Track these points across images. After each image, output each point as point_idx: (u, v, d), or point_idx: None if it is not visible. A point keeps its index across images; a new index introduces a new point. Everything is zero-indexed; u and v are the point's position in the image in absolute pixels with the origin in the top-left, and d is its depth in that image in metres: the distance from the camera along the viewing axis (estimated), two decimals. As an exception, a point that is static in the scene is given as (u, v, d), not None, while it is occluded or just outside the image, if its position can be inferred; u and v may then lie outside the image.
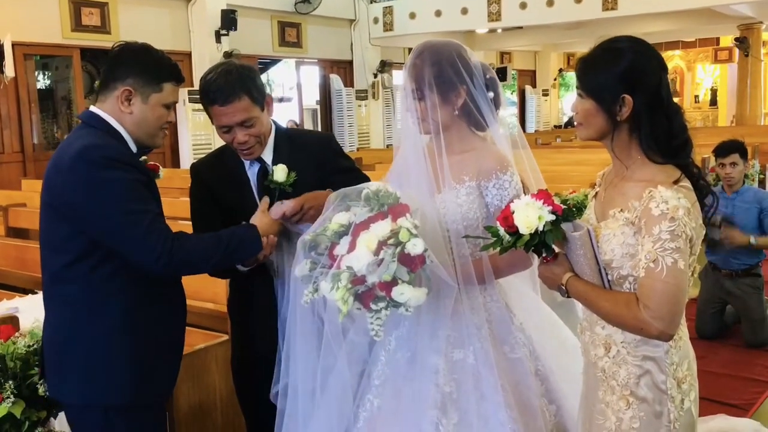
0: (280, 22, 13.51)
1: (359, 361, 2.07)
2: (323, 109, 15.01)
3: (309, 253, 1.91)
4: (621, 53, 1.68)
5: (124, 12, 10.76)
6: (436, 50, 2.01)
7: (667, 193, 1.60)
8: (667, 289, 1.58)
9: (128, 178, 1.94)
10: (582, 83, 1.72)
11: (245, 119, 2.26)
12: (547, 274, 1.78)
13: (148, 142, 2.09)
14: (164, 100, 2.06)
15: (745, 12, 13.29)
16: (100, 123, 2.02)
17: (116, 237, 1.93)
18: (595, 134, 1.74)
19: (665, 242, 1.57)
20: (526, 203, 1.67)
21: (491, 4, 13.93)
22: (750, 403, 3.69)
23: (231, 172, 2.41)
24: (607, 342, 1.75)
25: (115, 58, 2.06)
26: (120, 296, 1.99)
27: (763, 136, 11.17)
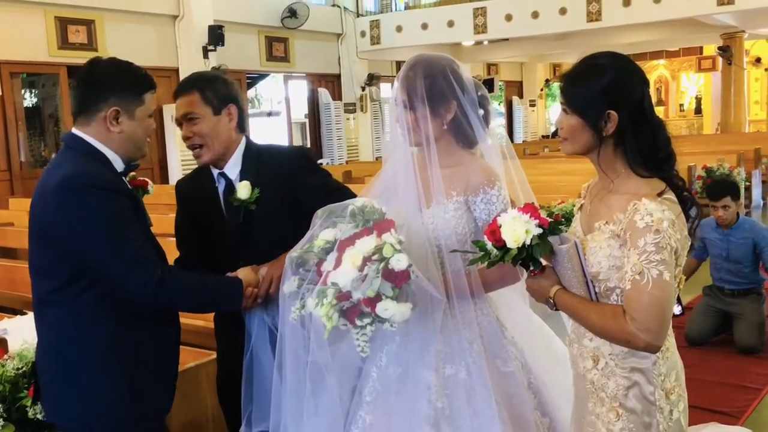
0: (267, 37, 13.55)
1: (351, 377, 2.07)
2: (312, 122, 15.03)
3: (297, 270, 1.91)
4: (603, 69, 1.70)
5: (110, 29, 10.76)
6: (430, 63, 2.02)
7: (651, 206, 1.60)
8: (653, 301, 1.58)
9: (113, 205, 1.93)
10: (567, 100, 1.73)
11: (188, 112, 2.30)
12: (534, 287, 1.78)
13: (137, 154, 2.09)
14: (148, 111, 2.07)
15: (728, 21, 13.45)
16: (83, 146, 2.00)
17: (102, 265, 1.92)
18: (580, 149, 1.75)
19: (650, 254, 1.58)
20: (513, 217, 1.67)
21: (477, 16, 14.04)
22: (742, 411, 3.69)
23: (205, 187, 2.43)
24: (595, 354, 1.76)
25: (90, 80, 2.03)
26: (108, 320, 1.97)
27: (748, 143, 11.27)
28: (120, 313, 1.98)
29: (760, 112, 19.57)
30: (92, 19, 10.57)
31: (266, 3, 13.42)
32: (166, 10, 11.52)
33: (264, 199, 2.30)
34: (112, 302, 1.97)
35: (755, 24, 14.06)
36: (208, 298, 2.13)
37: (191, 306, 2.17)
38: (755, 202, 9.31)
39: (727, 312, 4.66)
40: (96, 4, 10.48)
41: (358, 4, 15.32)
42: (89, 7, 10.44)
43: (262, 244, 2.26)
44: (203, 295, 2.10)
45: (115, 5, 10.70)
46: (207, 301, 2.16)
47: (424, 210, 2.00)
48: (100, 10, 10.60)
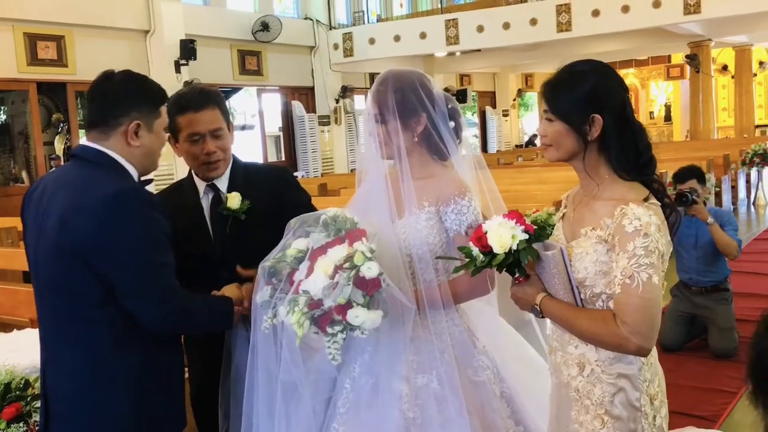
0: (240, 51, 13.53)
1: (326, 389, 2.07)
2: (286, 135, 15.01)
3: (269, 279, 1.92)
4: (585, 75, 1.73)
5: (80, 45, 10.67)
6: (399, 77, 2.06)
7: (639, 210, 1.62)
8: (644, 304, 1.60)
9: (160, 226, 1.91)
10: (551, 106, 1.75)
11: (217, 128, 2.33)
12: (519, 294, 1.78)
13: (151, 168, 2.07)
14: (164, 123, 2.06)
15: (695, 30, 13.71)
16: (108, 161, 1.95)
17: (131, 290, 1.86)
18: (565, 155, 1.76)
19: (640, 258, 1.60)
20: (499, 223, 1.68)
21: (449, 28, 14.15)
22: (718, 414, 3.73)
23: (187, 200, 2.43)
24: (580, 361, 1.76)
25: (109, 93, 1.97)
26: (140, 341, 1.92)
27: (717, 149, 11.46)
28: (151, 338, 1.93)
29: (728, 118, 19.92)
30: (62, 35, 10.48)
31: (238, 16, 13.42)
32: (137, 25, 11.46)
33: (251, 211, 2.33)
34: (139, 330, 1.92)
35: (721, 32, 14.34)
36: (210, 321, 2.12)
37: (194, 331, 2.17)
38: (725, 207, 9.44)
39: (697, 316, 4.71)
40: (65, 20, 10.39)
41: (330, 17, 15.36)
42: (59, 23, 10.35)
43: (245, 257, 2.25)
44: (207, 319, 2.09)
45: (85, 21, 10.62)
46: (208, 325, 2.16)
47: (396, 220, 2.02)
48: (70, 25, 10.51)
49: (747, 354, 1.23)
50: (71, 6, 10.37)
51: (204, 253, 2.38)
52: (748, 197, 10.86)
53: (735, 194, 10.33)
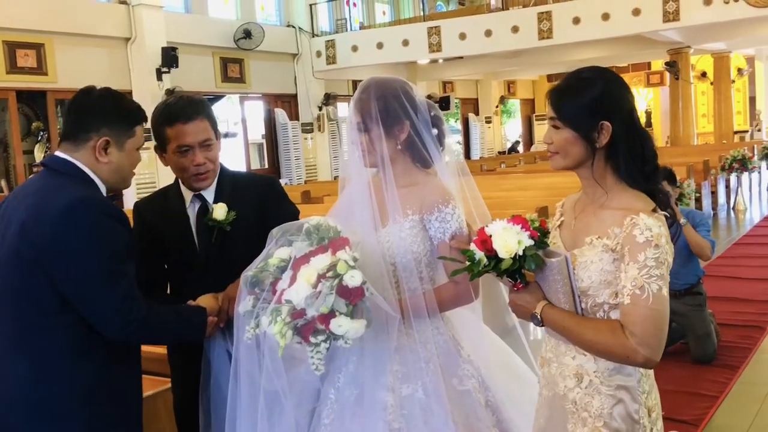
0: (222, 58, 13.50)
1: (310, 399, 2.05)
2: (269, 143, 14.97)
3: (252, 289, 1.90)
4: (593, 81, 1.69)
5: (60, 53, 10.59)
6: (382, 85, 2.05)
7: (650, 221, 1.60)
8: (654, 315, 1.57)
9: (118, 236, 1.90)
10: (559, 113, 1.70)
11: (207, 139, 2.31)
12: (519, 302, 1.73)
13: (121, 186, 2.07)
14: (138, 143, 2.04)
15: (674, 37, 13.88)
16: (74, 171, 1.95)
17: (89, 298, 1.85)
18: (572, 163, 1.72)
19: (651, 269, 1.57)
20: (504, 228, 1.65)
21: (431, 35, 14.21)
22: (699, 419, 3.76)
23: (172, 209, 2.41)
24: (578, 372, 1.71)
25: (83, 107, 1.99)
26: (97, 354, 1.90)
27: (697, 155, 11.60)
28: (108, 349, 1.91)
29: (707, 125, 20.15)
30: (42, 43, 10.39)
31: (220, 24, 13.39)
32: (117, 33, 11.40)
33: (237, 222, 2.31)
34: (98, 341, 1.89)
35: (700, 39, 14.52)
36: (180, 331, 2.11)
37: (163, 341, 2.17)
38: (705, 212, 9.55)
39: (673, 322, 4.74)
40: (45, 28, 10.31)
41: (312, 25, 15.37)
42: (38, 31, 10.27)
43: (230, 267, 2.23)
44: (176, 329, 2.08)
45: (66, 28, 10.55)
46: (178, 335, 2.15)
47: (380, 229, 2.01)
48: (50, 33, 10.43)
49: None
50: (51, 14, 10.30)
51: (189, 263, 2.36)
52: (728, 202, 10.98)
53: (715, 200, 10.44)
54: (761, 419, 3.75)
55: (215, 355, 2.26)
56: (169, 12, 12.24)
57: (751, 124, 20.98)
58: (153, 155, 2.30)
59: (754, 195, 12.25)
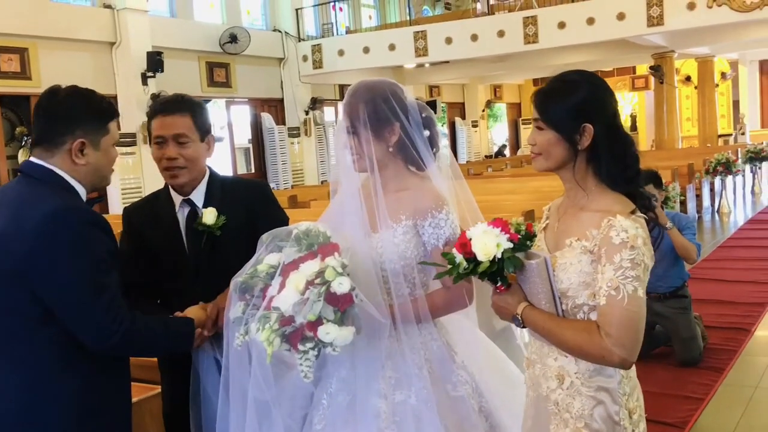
0: (208, 63, 13.46)
1: (302, 405, 2.03)
2: (255, 147, 14.94)
3: (242, 295, 1.88)
4: (578, 84, 1.73)
5: (44, 57, 10.52)
6: (371, 88, 2.02)
7: (626, 223, 1.62)
8: (629, 316, 1.59)
9: (101, 245, 1.86)
10: (543, 115, 1.74)
11: (181, 134, 2.29)
12: (501, 304, 1.76)
13: (102, 184, 2.03)
14: (113, 140, 2.00)
15: (658, 42, 13.99)
16: (53, 178, 1.90)
17: (71, 309, 1.81)
18: (554, 164, 1.75)
19: (626, 270, 1.59)
20: (484, 231, 1.66)
21: (418, 39, 14.24)
22: (685, 421, 3.77)
23: (161, 214, 2.40)
24: (560, 373, 1.74)
25: (53, 110, 1.93)
26: (81, 365, 1.86)
27: (682, 159, 11.67)
28: (94, 359, 1.87)
29: (691, 128, 20.31)
30: (25, 48, 10.32)
31: (206, 28, 13.36)
32: (102, 37, 11.34)
33: (227, 227, 2.30)
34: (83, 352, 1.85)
35: (684, 44, 14.65)
36: (166, 343, 2.07)
37: (150, 353, 2.12)
38: (690, 215, 9.61)
39: (657, 324, 4.75)
40: (29, 32, 10.24)
41: (299, 29, 15.36)
42: (22, 35, 10.20)
43: (219, 273, 2.20)
44: (163, 341, 2.04)
45: (49, 33, 10.48)
46: (165, 347, 2.12)
47: (371, 234, 1.98)
48: (34, 37, 10.36)
49: None
50: (35, 18, 10.23)
51: (178, 269, 2.34)
52: (713, 205, 11.06)
53: (699, 203, 10.51)
54: (746, 421, 3.77)
55: (204, 365, 2.24)
56: (154, 16, 12.19)
57: (735, 128, 21.16)
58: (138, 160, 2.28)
59: (738, 198, 12.37)
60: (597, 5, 12.75)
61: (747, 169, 12.62)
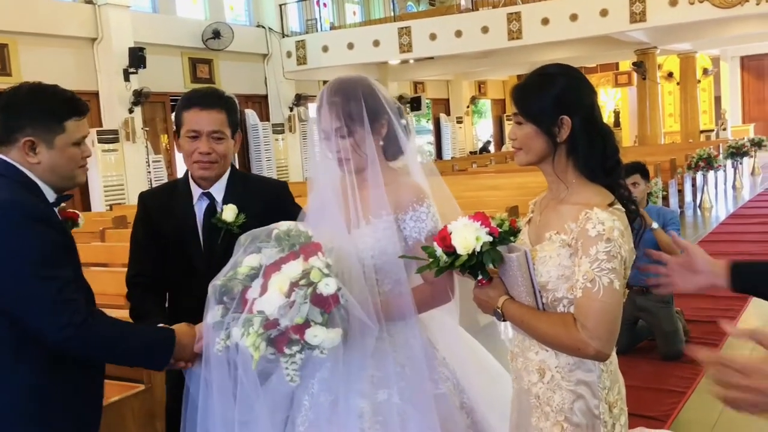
0: (191, 59, 13.36)
1: (282, 407, 2.00)
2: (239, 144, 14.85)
3: (220, 299, 1.84)
4: (555, 78, 1.74)
5: (25, 53, 10.41)
6: (353, 85, 1.99)
7: (603, 215, 1.63)
8: (604, 309, 1.60)
9: (45, 239, 1.80)
10: (521, 109, 1.74)
11: (217, 129, 2.30)
12: (482, 297, 1.77)
13: (67, 184, 1.95)
14: (71, 139, 1.90)
15: (641, 38, 14.07)
16: (15, 173, 1.87)
17: (20, 303, 1.78)
18: (534, 158, 1.75)
19: (602, 262, 1.60)
20: (464, 224, 1.67)
21: (402, 36, 14.24)
22: (667, 414, 3.80)
23: (178, 204, 2.37)
24: (541, 367, 1.75)
25: (8, 107, 1.89)
26: (31, 362, 1.81)
27: (664, 154, 11.76)
28: (43, 357, 1.83)
29: (674, 124, 20.46)
30: (5, 43, 10.21)
31: (188, 24, 13.26)
32: (83, 33, 11.23)
33: (246, 225, 2.23)
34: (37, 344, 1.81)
35: (666, 40, 14.75)
36: (130, 350, 1.93)
37: (110, 357, 1.95)
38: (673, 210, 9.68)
39: (640, 319, 4.78)
40: (9, 28, 10.12)
41: (282, 25, 15.30)
42: (2, 31, 10.08)
43: None
44: (125, 346, 1.91)
45: (30, 29, 10.36)
46: (128, 354, 1.95)
47: (353, 230, 1.97)
48: (14, 33, 10.24)
49: None
50: (15, 13, 10.11)
51: (191, 264, 2.31)
52: (694, 200, 11.15)
53: (681, 198, 10.59)
54: (727, 414, 3.81)
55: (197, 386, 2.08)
56: (136, 12, 12.08)
57: (717, 123, 21.37)
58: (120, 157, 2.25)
59: (720, 193, 12.47)
60: (580, 2, 12.81)
61: (728, 165, 12.72)
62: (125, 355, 1.95)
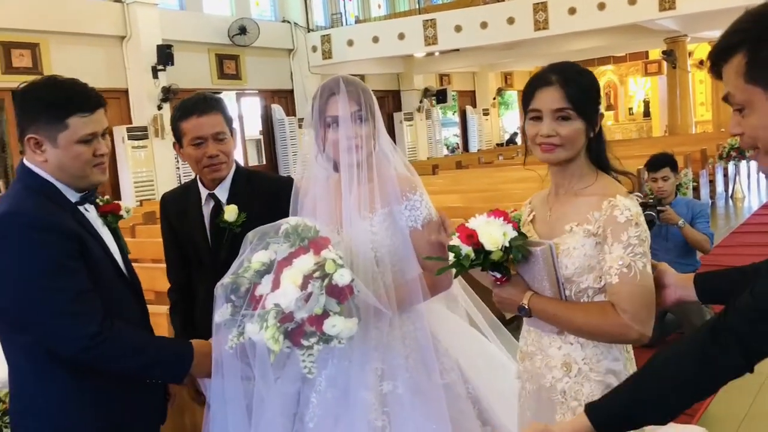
0: (217, 55, 13.47)
1: (291, 404, 2.03)
2: (266, 139, 14.96)
3: (229, 297, 1.86)
4: (588, 73, 1.78)
5: (56, 52, 10.57)
6: (357, 80, 2.08)
7: (627, 202, 1.66)
8: (642, 292, 1.63)
9: (49, 250, 1.74)
10: (576, 105, 1.71)
11: (220, 131, 2.37)
12: (504, 295, 1.75)
13: (81, 184, 1.87)
14: (75, 136, 1.81)
15: (670, 26, 13.85)
16: (30, 177, 1.84)
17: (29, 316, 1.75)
18: (575, 153, 1.75)
19: (635, 247, 1.63)
20: (487, 222, 1.67)
21: (427, 28, 14.18)
22: (695, 408, 3.75)
23: (190, 206, 2.46)
24: (566, 362, 1.74)
25: (20, 105, 1.84)
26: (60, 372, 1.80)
27: (694, 144, 11.58)
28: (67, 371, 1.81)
29: (705, 113, 20.14)
30: (36, 43, 10.38)
31: (215, 20, 13.36)
32: (112, 31, 11.37)
33: (250, 223, 2.25)
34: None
35: (697, 28, 14.48)
36: (148, 362, 1.86)
37: (127, 369, 1.86)
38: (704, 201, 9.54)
39: (668, 312, 4.72)
40: (40, 27, 10.29)
41: (308, 20, 15.34)
42: (33, 31, 10.25)
43: None
44: (143, 358, 1.85)
45: (60, 28, 10.53)
46: (146, 366, 1.87)
47: (348, 227, 2.00)
48: (45, 33, 10.42)
49: None
50: (46, 13, 10.28)
51: (202, 265, 2.40)
52: (726, 191, 10.97)
53: (713, 188, 10.43)
54: (756, 408, 3.76)
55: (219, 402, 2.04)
56: (164, 9, 12.21)
57: (750, 112, 20.93)
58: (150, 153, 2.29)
59: (753, 183, 12.25)
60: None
61: (761, 154, 12.47)
62: (143, 368, 1.88)
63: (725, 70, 1.28)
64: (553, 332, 1.77)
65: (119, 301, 1.91)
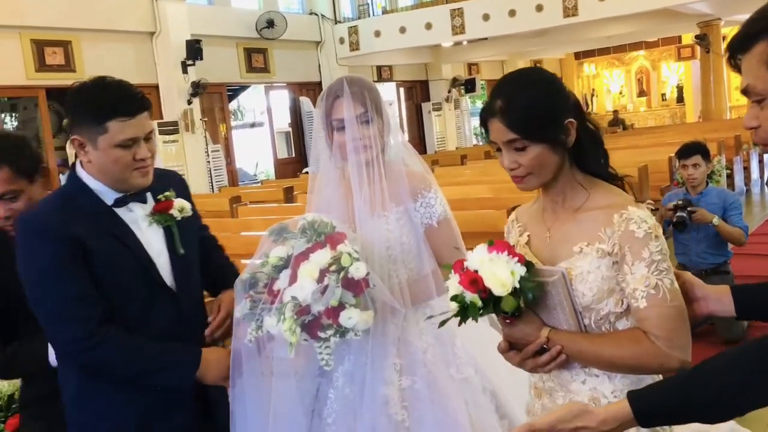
0: (246, 49, 13.55)
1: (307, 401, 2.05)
2: (295, 131, 15.04)
3: (248, 291, 1.90)
4: (538, 84, 1.54)
5: (87, 49, 10.73)
6: (363, 79, 2.08)
7: (641, 213, 1.48)
8: (676, 314, 1.45)
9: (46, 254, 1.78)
10: (524, 133, 1.49)
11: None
12: (518, 335, 1.53)
13: (122, 186, 1.87)
14: (113, 140, 1.80)
15: (703, 10, 13.56)
16: (70, 181, 1.92)
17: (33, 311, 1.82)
18: (549, 176, 1.55)
19: (659, 263, 1.45)
20: (490, 259, 1.45)
21: (454, 17, 14.09)
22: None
23: None
24: (593, 396, 1.54)
25: (68, 106, 1.89)
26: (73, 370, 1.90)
27: (729, 130, 11.34)
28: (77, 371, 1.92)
29: (741, 97, 19.51)
30: (68, 40, 10.54)
31: (243, 14, 13.43)
32: (142, 27, 11.51)
33: None
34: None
35: (730, 11, 14.15)
36: (146, 369, 1.84)
37: (127, 373, 1.83)
38: (738, 188, 9.37)
39: None
40: (72, 25, 10.45)
41: (335, 11, 15.34)
42: (65, 28, 10.41)
43: None
44: (139, 365, 1.83)
45: (91, 25, 10.67)
46: (144, 373, 1.84)
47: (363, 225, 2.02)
48: (76, 30, 10.57)
49: None
50: (77, 11, 10.43)
51: None
52: (761, 178, 10.74)
53: (747, 175, 10.22)
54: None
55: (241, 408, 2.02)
56: (193, 4, 12.31)
57: (787, 96, 20.44)
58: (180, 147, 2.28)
59: (790, 169, 11.98)
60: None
61: (798, 139, 12.18)
62: (143, 374, 1.84)
63: (745, 59, 1.21)
64: (575, 365, 1.57)
65: (144, 306, 1.88)
